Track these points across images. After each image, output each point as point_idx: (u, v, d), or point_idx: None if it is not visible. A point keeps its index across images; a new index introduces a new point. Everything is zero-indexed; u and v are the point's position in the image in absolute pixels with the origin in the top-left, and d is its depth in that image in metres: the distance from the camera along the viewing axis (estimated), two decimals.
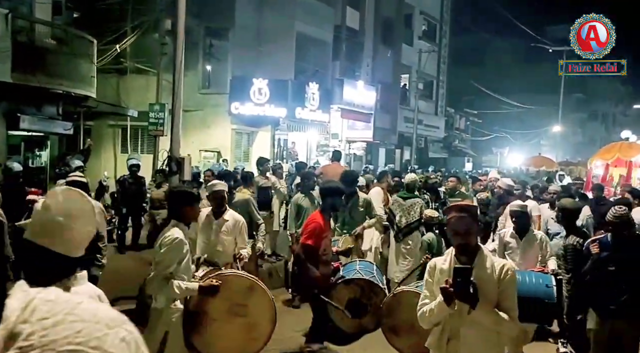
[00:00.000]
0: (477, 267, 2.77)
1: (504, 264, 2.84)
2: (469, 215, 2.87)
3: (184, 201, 3.88)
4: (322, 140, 20.29)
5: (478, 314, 2.70)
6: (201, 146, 15.90)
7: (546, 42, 30.06)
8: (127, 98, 15.74)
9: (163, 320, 3.72)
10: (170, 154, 6.82)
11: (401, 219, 6.79)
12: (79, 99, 12.92)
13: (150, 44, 14.51)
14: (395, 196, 7.38)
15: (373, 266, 5.14)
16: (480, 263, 2.81)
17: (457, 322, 2.81)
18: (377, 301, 4.59)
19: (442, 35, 30.86)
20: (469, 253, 2.82)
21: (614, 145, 13.23)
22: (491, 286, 2.75)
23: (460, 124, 36.16)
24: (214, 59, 16.80)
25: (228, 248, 4.78)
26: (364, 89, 20.92)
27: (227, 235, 4.82)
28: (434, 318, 2.87)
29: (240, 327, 3.97)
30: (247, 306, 3.97)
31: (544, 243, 5.17)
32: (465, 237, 2.82)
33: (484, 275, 2.76)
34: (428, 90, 29.91)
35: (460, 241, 2.83)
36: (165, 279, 3.61)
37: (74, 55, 12.65)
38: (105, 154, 16.58)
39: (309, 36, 18.78)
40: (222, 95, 16.16)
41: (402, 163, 26.20)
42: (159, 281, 3.62)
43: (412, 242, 6.78)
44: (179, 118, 6.89)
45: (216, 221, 4.87)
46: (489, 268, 2.78)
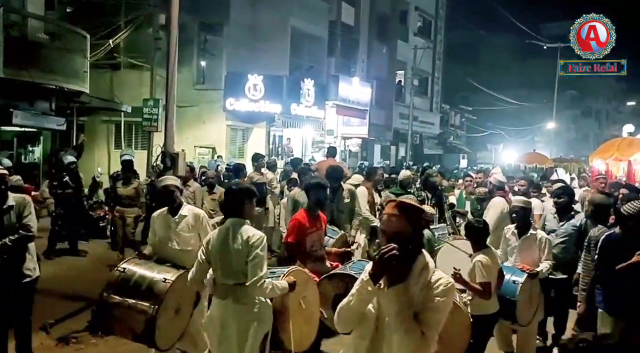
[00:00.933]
0: (410, 280, 2.31)
1: (440, 278, 2.35)
2: (403, 215, 2.36)
3: (247, 197, 3.76)
4: (318, 136, 20.26)
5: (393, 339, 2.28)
6: (196, 142, 15.84)
7: (541, 39, 30.12)
8: (121, 93, 15.64)
9: (263, 321, 3.67)
10: (164, 150, 6.77)
11: None
12: (72, 94, 12.83)
13: (144, 39, 14.43)
14: (387, 192, 7.32)
15: (365, 263, 5.08)
16: (413, 277, 2.32)
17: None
18: None
19: (437, 31, 30.85)
20: (400, 262, 2.26)
21: (612, 142, 12.97)
22: (416, 302, 2.30)
23: (455, 121, 36.22)
24: (209, 55, 16.73)
25: (193, 245, 4.43)
26: (359, 85, 20.89)
27: (188, 231, 4.47)
28: (353, 304, 2.39)
29: (305, 319, 4.09)
30: (306, 297, 4.08)
31: (543, 244, 4.97)
32: (393, 241, 2.27)
33: (414, 290, 2.31)
34: (423, 86, 29.91)
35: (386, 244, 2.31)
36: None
37: (67, 50, 12.55)
38: (99, 150, 16.48)
39: (304, 32, 18.71)
40: (216, 91, 16.10)
41: (397, 159, 26.21)
42: (262, 283, 3.51)
43: None
44: (173, 113, 6.84)
45: (173, 219, 4.47)
46: (421, 283, 2.32)
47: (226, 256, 3.56)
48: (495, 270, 4.31)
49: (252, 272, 3.50)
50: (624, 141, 12.25)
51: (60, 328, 5.50)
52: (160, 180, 4.80)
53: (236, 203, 3.72)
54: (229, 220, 3.68)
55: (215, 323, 3.69)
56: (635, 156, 11.38)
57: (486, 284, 4.18)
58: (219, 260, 3.59)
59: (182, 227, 4.46)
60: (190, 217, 4.49)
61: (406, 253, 2.30)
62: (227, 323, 3.62)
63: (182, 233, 4.45)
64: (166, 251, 4.43)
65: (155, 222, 4.58)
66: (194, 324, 4.35)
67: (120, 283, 4.06)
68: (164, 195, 4.56)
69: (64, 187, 8.80)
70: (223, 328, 3.64)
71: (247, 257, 3.50)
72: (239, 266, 3.53)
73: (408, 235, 2.34)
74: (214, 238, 3.64)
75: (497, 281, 4.34)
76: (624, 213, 4.17)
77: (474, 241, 4.44)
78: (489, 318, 4.32)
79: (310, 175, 7.58)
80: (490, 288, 4.19)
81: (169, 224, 4.47)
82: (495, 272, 4.30)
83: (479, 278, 4.23)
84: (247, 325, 3.62)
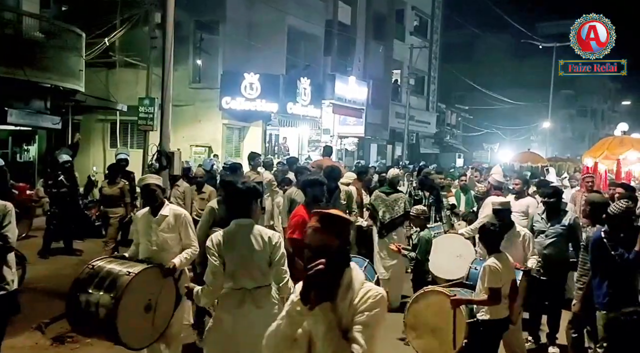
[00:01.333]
0: (337, 297, 2.14)
1: (369, 291, 2.15)
2: (327, 228, 2.16)
3: (254, 197, 3.64)
4: (314, 135, 20.25)
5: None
6: (192, 141, 15.81)
7: (537, 38, 30.19)
8: (117, 92, 15.59)
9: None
10: (159, 149, 6.74)
11: (385, 215, 6.71)
12: (67, 93, 12.77)
13: (139, 38, 14.36)
14: (377, 191, 7.28)
15: (364, 262, 5.05)
16: (340, 293, 2.15)
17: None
18: None
19: (433, 31, 30.88)
20: (327, 278, 2.09)
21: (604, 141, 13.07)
22: (345, 319, 2.12)
23: (452, 120, 36.28)
24: (205, 53, 16.69)
25: (172, 246, 4.35)
26: (355, 84, 20.89)
27: (168, 232, 4.35)
28: (283, 328, 2.19)
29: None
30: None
31: (527, 241, 5.09)
32: (318, 256, 2.09)
33: (342, 306, 2.13)
34: (419, 85, 29.93)
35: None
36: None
37: (62, 48, 12.49)
38: (94, 149, 16.43)
39: (301, 31, 18.69)
40: (213, 89, 16.06)
41: (393, 159, 26.22)
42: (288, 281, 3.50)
43: (396, 238, 6.71)
44: (168, 112, 6.82)
45: (154, 218, 4.36)
46: (348, 299, 2.13)
47: (247, 259, 3.38)
48: (508, 275, 4.25)
49: (281, 272, 3.44)
50: (615, 140, 12.29)
51: (56, 328, 5.48)
52: (142, 179, 4.64)
53: (245, 204, 3.56)
54: (236, 221, 3.48)
55: (228, 334, 3.40)
56: (624, 155, 11.45)
57: (494, 290, 4.13)
58: (239, 264, 3.38)
59: (162, 227, 4.35)
60: (171, 217, 4.38)
61: (333, 268, 2.11)
62: (247, 332, 3.33)
63: (162, 233, 4.33)
64: (146, 251, 4.35)
65: (137, 222, 4.48)
66: (173, 325, 4.24)
67: (86, 279, 3.91)
68: (145, 194, 4.43)
69: (59, 186, 8.76)
70: (242, 338, 3.35)
71: (269, 257, 3.41)
72: (260, 268, 3.41)
73: (334, 248, 2.14)
74: (225, 242, 3.40)
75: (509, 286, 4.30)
76: (610, 213, 4.22)
77: (486, 244, 4.38)
78: (500, 323, 4.26)
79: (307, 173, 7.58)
80: (499, 294, 4.13)
81: (150, 224, 4.36)
82: (508, 277, 4.24)
83: (487, 283, 4.19)
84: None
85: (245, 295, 3.38)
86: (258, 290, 3.41)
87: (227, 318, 3.41)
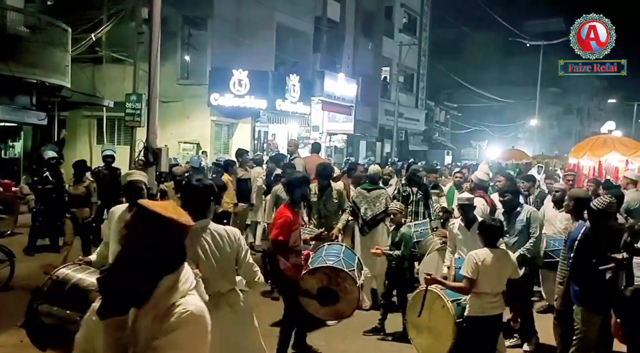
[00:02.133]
0: (140, 310, 1.75)
1: (180, 305, 1.74)
2: (140, 224, 1.76)
3: (213, 195, 3.39)
4: (303, 132, 20.23)
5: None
6: (180, 138, 15.72)
7: (524, 36, 30.42)
8: (103, 88, 15.45)
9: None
10: (146, 145, 6.69)
11: (366, 211, 6.65)
12: (53, 88, 12.63)
13: (126, 33, 14.25)
14: (359, 188, 7.23)
15: (341, 248, 5.00)
16: (147, 306, 1.73)
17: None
18: (346, 286, 4.56)
19: (422, 28, 30.97)
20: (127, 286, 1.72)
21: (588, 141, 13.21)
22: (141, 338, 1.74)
23: (440, 117, 36.46)
24: (193, 49, 16.59)
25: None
26: (344, 81, 20.90)
27: None
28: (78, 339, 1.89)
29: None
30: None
31: None
32: (124, 255, 1.76)
33: (142, 323, 1.74)
34: (408, 83, 30.03)
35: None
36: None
37: (48, 43, 12.35)
38: (81, 145, 16.26)
39: (290, 27, 18.64)
40: (201, 86, 15.98)
41: (382, 156, 26.30)
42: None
43: (377, 234, 6.65)
44: (155, 108, 6.77)
45: None
46: (153, 314, 1.73)
47: (220, 261, 3.20)
48: (499, 271, 4.17)
49: (252, 269, 3.34)
50: (599, 139, 12.45)
51: None
52: (127, 174, 4.36)
53: (206, 202, 3.28)
54: (199, 223, 3.12)
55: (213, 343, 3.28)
56: (606, 157, 11.57)
57: (467, 279, 4.12)
58: (214, 267, 3.17)
59: None
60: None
61: (140, 274, 1.72)
62: (224, 340, 3.09)
63: None
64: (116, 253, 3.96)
65: (112, 218, 4.06)
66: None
67: (51, 290, 3.40)
68: (131, 191, 4.11)
69: (44, 183, 8.66)
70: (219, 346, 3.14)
71: (236, 256, 3.27)
72: (231, 268, 3.28)
73: (144, 249, 1.73)
74: (194, 247, 3.13)
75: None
76: (593, 208, 4.22)
77: (483, 238, 4.28)
78: (486, 321, 4.17)
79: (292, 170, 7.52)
80: (472, 285, 4.10)
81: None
82: (499, 273, 4.17)
83: (462, 270, 4.19)
84: (252, 333, 3.43)
85: (220, 299, 3.21)
86: (230, 292, 3.28)
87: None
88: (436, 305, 4.43)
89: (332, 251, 4.91)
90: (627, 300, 2.04)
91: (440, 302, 4.40)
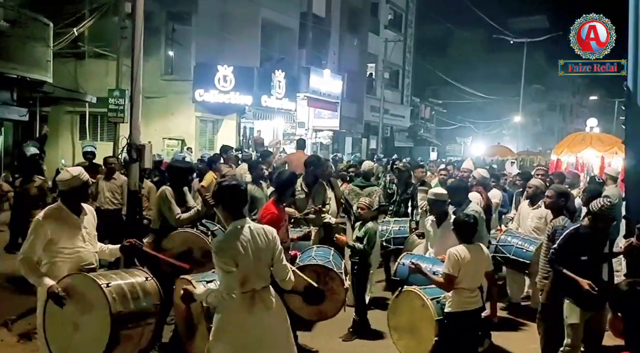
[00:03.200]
0: None
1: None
2: None
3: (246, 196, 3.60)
4: (289, 128, 20.19)
5: None
6: (164, 134, 15.59)
7: (508, 34, 30.70)
8: (86, 83, 15.26)
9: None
10: (129, 141, 6.62)
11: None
12: (34, 84, 12.45)
13: (109, 28, 14.09)
14: (351, 185, 7.22)
15: (330, 251, 4.96)
16: None
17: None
18: (333, 286, 4.57)
19: (407, 24, 31.05)
20: None
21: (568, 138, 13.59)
22: None
23: (425, 114, 36.62)
24: (177, 45, 16.45)
25: (94, 247, 3.82)
26: (330, 77, 20.90)
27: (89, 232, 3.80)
28: None
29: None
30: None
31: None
32: None
33: None
34: (394, 79, 30.11)
35: None
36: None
37: (29, 38, 12.15)
38: (63, 142, 16.07)
39: (275, 23, 18.57)
40: (185, 81, 15.86)
41: (368, 152, 26.37)
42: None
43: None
44: (138, 104, 6.69)
45: (78, 218, 3.74)
46: None
47: (257, 258, 3.26)
48: (477, 266, 4.22)
49: (284, 267, 3.40)
50: (578, 136, 12.85)
51: (23, 324, 5.37)
52: (73, 173, 3.78)
53: (243, 202, 3.45)
54: (237, 222, 3.30)
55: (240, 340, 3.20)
56: (582, 152, 11.92)
57: (447, 275, 4.16)
58: (252, 264, 3.23)
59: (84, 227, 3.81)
60: (90, 215, 3.86)
61: None
62: (261, 338, 3.23)
63: (85, 234, 3.76)
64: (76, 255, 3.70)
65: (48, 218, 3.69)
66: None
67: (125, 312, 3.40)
68: (79, 190, 3.74)
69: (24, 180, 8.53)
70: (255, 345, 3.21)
71: (272, 254, 3.33)
72: (267, 266, 3.33)
73: None
74: (235, 243, 3.22)
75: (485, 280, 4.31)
76: (591, 209, 4.34)
77: (459, 235, 4.32)
78: (466, 316, 4.21)
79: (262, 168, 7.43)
80: (452, 280, 4.14)
81: (74, 223, 3.71)
82: (477, 268, 4.22)
83: (444, 267, 4.23)
84: (287, 330, 3.41)
85: (255, 296, 3.25)
86: (265, 289, 3.31)
87: (236, 322, 3.22)
88: (416, 304, 4.40)
89: (320, 252, 4.89)
90: (626, 294, 2.07)
91: (419, 301, 4.38)
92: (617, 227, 6.83)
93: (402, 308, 4.55)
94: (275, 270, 3.38)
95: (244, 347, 3.20)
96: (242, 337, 3.20)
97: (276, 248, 3.35)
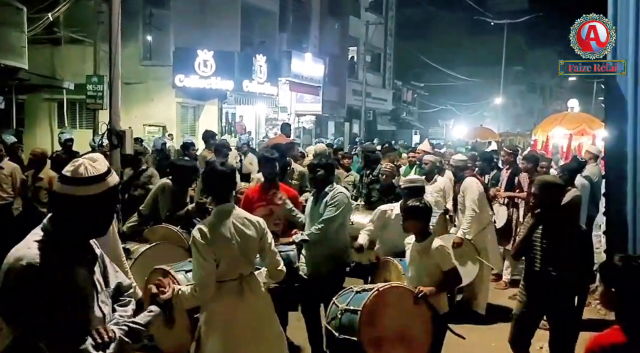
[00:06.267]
0: None
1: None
2: None
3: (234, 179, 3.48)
4: (271, 113, 20.09)
5: None
6: (145, 120, 15.39)
7: (489, 15, 30.77)
8: (63, 70, 14.93)
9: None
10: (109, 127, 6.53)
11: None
12: (9, 71, 12.11)
13: (85, 13, 13.74)
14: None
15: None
16: None
17: None
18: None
19: (388, 7, 30.92)
20: None
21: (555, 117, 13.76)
22: None
23: (408, 97, 36.69)
24: (155, 29, 16.15)
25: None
26: (312, 61, 20.76)
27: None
28: None
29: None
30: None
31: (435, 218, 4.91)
32: None
33: None
34: (375, 63, 30.04)
35: None
36: None
37: (2, 23, 11.77)
38: (41, 129, 15.75)
39: (255, 6, 18.33)
40: (165, 67, 15.62)
41: (350, 136, 26.40)
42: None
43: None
44: (117, 90, 6.60)
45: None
46: None
47: (244, 244, 3.18)
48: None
49: (275, 257, 3.32)
50: (552, 117, 13.25)
51: None
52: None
53: (229, 186, 3.36)
54: (221, 207, 3.22)
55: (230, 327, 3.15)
56: (552, 132, 12.30)
57: (453, 270, 3.77)
58: (237, 249, 3.16)
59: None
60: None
61: None
62: (249, 323, 3.18)
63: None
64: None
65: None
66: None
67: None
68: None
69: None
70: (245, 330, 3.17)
71: (261, 242, 3.26)
72: (253, 252, 3.28)
73: None
74: (218, 230, 3.13)
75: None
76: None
77: (421, 226, 3.79)
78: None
79: (226, 153, 7.37)
80: (459, 272, 3.84)
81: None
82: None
83: (448, 265, 3.73)
84: (275, 318, 3.37)
85: (242, 282, 3.20)
86: (252, 276, 3.28)
87: (226, 311, 3.16)
88: (405, 303, 3.65)
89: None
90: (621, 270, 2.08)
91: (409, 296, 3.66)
92: (597, 204, 6.97)
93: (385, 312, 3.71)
94: (266, 260, 3.33)
95: (232, 331, 3.16)
96: (234, 325, 3.16)
97: (265, 237, 3.29)
